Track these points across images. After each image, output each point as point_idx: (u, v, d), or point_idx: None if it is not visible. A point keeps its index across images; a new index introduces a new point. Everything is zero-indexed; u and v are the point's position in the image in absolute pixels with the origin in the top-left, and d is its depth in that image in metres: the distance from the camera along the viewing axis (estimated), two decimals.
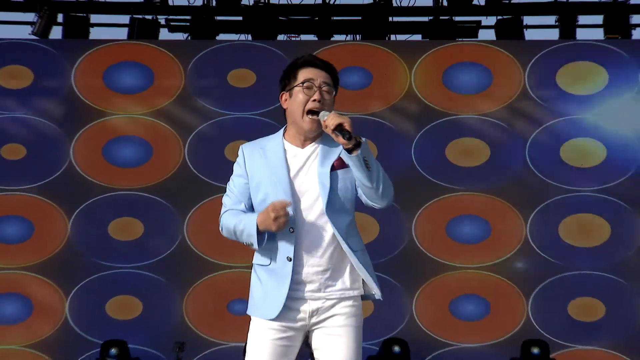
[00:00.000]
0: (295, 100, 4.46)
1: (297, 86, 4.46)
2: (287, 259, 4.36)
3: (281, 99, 4.56)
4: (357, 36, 11.64)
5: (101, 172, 11.01)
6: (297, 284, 4.39)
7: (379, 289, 4.50)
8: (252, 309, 4.49)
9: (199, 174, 11.00)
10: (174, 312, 10.78)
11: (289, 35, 11.70)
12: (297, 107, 4.44)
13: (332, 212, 4.38)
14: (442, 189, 10.99)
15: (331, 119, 4.28)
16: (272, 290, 4.39)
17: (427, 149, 11.08)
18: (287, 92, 4.52)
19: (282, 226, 4.30)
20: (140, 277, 10.80)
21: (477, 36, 11.61)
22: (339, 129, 4.25)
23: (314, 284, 4.40)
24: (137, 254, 10.85)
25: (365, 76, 11.24)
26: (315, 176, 4.42)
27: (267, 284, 4.42)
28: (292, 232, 4.37)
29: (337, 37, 11.68)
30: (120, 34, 11.62)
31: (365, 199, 4.43)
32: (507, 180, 11.00)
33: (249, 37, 11.57)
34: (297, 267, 4.38)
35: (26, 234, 10.90)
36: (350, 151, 4.27)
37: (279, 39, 11.57)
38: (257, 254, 4.48)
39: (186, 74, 11.21)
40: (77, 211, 10.94)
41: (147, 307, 10.76)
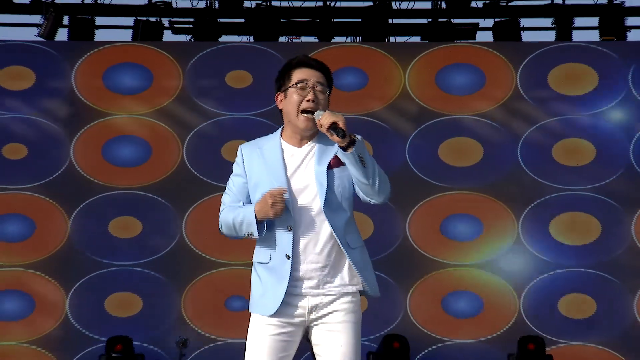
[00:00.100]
0: (290, 100, 4.47)
1: (291, 87, 4.48)
2: (286, 257, 4.37)
3: (277, 99, 4.57)
4: (357, 38, 11.66)
5: (101, 172, 11.02)
6: (295, 281, 4.40)
7: (376, 287, 4.52)
8: (252, 306, 4.50)
9: (197, 173, 11.01)
10: (173, 309, 10.78)
11: (290, 37, 11.71)
12: (292, 108, 4.46)
13: (329, 210, 4.39)
14: (435, 188, 11.00)
15: (325, 117, 4.30)
16: (271, 287, 4.40)
17: (422, 149, 11.09)
18: (282, 92, 4.54)
19: (279, 212, 4.32)
20: (139, 275, 10.81)
21: (475, 38, 11.62)
22: (333, 128, 4.27)
23: (312, 281, 4.41)
24: (136, 252, 10.86)
25: (360, 77, 11.25)
26: (312, 175, 4.43)
27: (266, 281, 4.43)
28: (290, 230, 4.38)
29: (338, 39, 11.70)
30: (124, 35, 11.65)
31: (362, 195, 4.44)
32: (499, 179, 11.01)
33: (251, 39, 11.59)
34: (295, 264, 4.39)
35: (28, 232, 10.92)
36: (345, 149, 4.28)
37: (281, 40, 11.57)
38: (257, 252, 4.49)
39: (184, 75, 11.22)
40: (77, 210, 10.95)
41: (147, 304, 10.76)
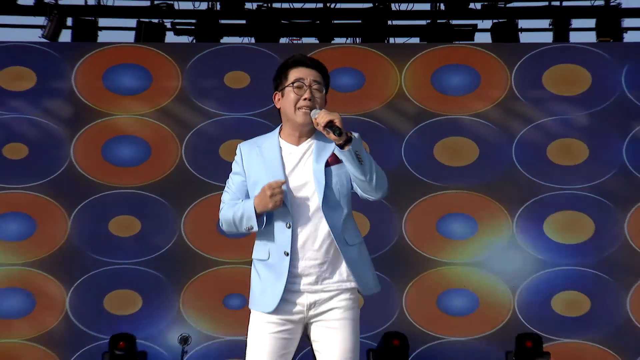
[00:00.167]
0: (287, 99, 4.49)
1: (288, 86, 4.50)
2: (285, 254, 4.39)
3: (274, 98, 4.59)
4: (357, 39, 11.71)
5: (101, 171, 11.05)
6: (294, 277, 4.41)
7: (373, 284, 4.52)
8: (251, 302, 4.51)
9: (196, 172, 11.04)
10: (171, 307, 10.79)
11: (290, 38, 11.74)
12: (289, 106, 4.48)
13: (327, 208, 4.41)
14: (431, 187, 11.02)
15: (322, 116, 4.33)
16: (270, 284, 4.42)
17: (417, 149, 11.12)
18: (279, 92, 4.56)
19: (278, 204, 4.34)
20: (138, 273, 10.83)
21: (473, 39, 11.66)
22: (330, 126, 4.30)
23: (311, 277, 4.42)
24: (135, 250, 10.87)
25: (357, 78, 11.27)
26: (310, 172, 4.45)
27: (265, 278, 4.45)
28: (289, 227, 4.40)
29: (338, 40, 11.74)
30: (127, 37, 11.70)
31: (360, 192, 4.46)
32: (494, 178, 11.04)
33: (252, 40, 11.62)
34: (294, 260, 4.40)
35: (29, 231, 10.94)
36: (342, 146, 4.31)
37: (282, 41, 11.61)
38: (256, 249, 4.51)
39: (183, 76, 11.24)
40: (77, 209, 10.97)
41: (146, 302, 10.78)
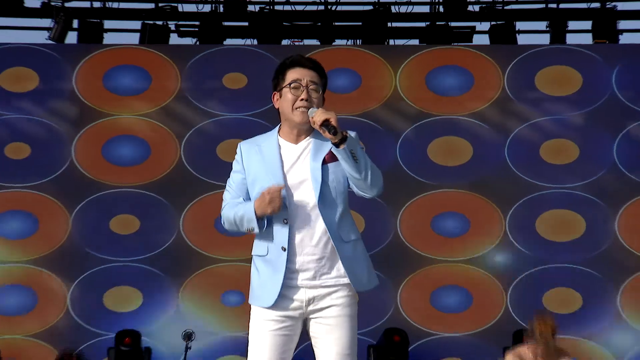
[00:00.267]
0: (285, 99, 4.49)
1: (285, 86, 4.50)
2: (282, 249, 4.39)
3: (273, 98, 4.59)
4: (357, 41, 11.77)
5: (101, 170, 11.11)
6: (292, 273, 4.41)
7: (367, 281, 4.49)
8: (251, 298, 4.51)
9: (194, 172, 11.10)
10: (171, 303, 10.85)
11: (292, 39, 11.81)
12: (286, 107, 4.49)
13: (323, 204, 4.41)
14: (425, 186, 11.09)
15: (318, 115, 4.34)
16: (268, 279, 4.42)
17: (412, 148, 11.18)
18: (277, 92, 4.55)
19: (277, 209, 4.35)
20: (138, 270, 10.88)
21: (471, 41, 11.72)
22: (325, 125, 4.31)
23: (309, 272, 4.42)
24: (135, 248, 10.92)
25: (354, 79, 11.32)
26: (307, 170, 4.45)
27: (264, 273, 4.45)
28: (286, 223, 4.40)
29: (339, 42, 11.81)
30: (132, 38, 11.75)
31: (356, 189, 4.46)
32: (487, 177, 11.10)
33: (255, 42, 11.67)
34: (291, 256, 4.41)
35: (31, 229, 11.00)
36: (337, 145, 4.31)
37: (283, 43, 11.67)
38: (255, 245, 4.51)
39: (182, 77, 11.29)
40: (78, 207, 11.03)
41: (146, 299, 10.82)
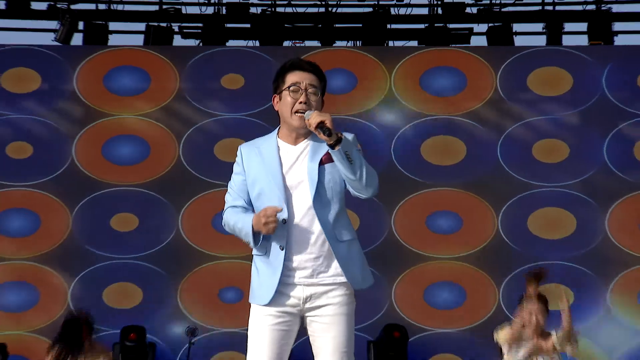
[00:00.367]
0: (284, 102, 4.52)
1: (285, 89, 4.53)
2: (280, 248, 4.42)
3: (273, 101, 4.61)
4: (357, 42, 11.80)
5: (101, 170, 11.14)
6: (290, 271, 4.44)
7: (362, 280, 4.51)
8: (251, 297, 4.54)
9: (193, 171, 11.14)
10: (170, 300, 10.87)
11: (293, 41, 11.84)
12: (286, 109, 4.51)
13: (319, 204, 4.43)
14: (419, 185, 11.13)
15: (313, 117, 4.35)
16: (266, 278, 4.45)
17: (406, 148, 11.22)
18: (277, 95, 4.57)
19: (271, 231, 4.37)
20: (138, 268, 10.91)
21: (469, 42, 11.76)
22: (320, 127, 4.32)
23: (306, 271, 4.44)
24: (134, 245, 10.96)
25: (350, 79, 11.37)
26: (305, 171, 4.48)
27: (263, 272, 4.49)
28: (285, 223, 4.42)
29: (339, 43, 11.84)
30: (136, 40, 11.80)
31: (352, 190, 4.48)
32: (480, 176, 11.15)
33: (257, 43, 11.70)
34: (289, 255, 4.43)
35: (33, 227, 11.04)
36: (332, 146, 4.33)
37: (285, 44, 11.71)
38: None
39: (181, 78, 11.32)
40: (79, 205, 11.07)
41: (145, 295, 10.85)
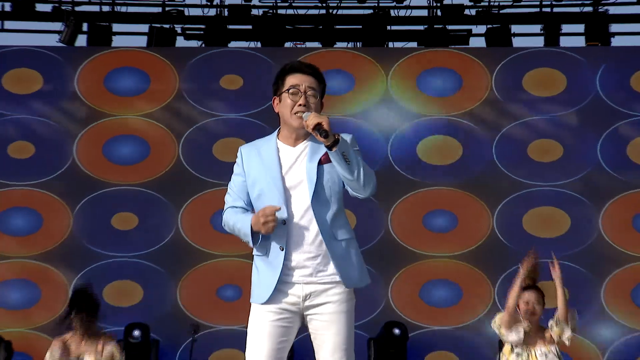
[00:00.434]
0: (284, 104, 4.53)
1: (284, 92, 4.53)
2: (280, 249, 4.44)
3: (273, 103, 4.62)
4: (358, 43, 11.83)
5: (102, 169, 11.18)
6: (289, 270, 4.45)
7: (358, 279, 4.52)
8: (251, 296, 4.55)
9: (192, 170, 11.17)
10: (169, 297, 10.92)
11: (295, 42, 11.86)
12: (285, 111, 4.52)
13: (317, 204, 4.45)
14: (416, 184, 11.17)
15: (311, 119, 4.37)
16: (266, 277, 4.46)
17: (402, 147, 11.26)
18: (277, 97, 4.58)
19: (270, 230, 4.37)
20: (138, 266, 10.95)
21: (468, 43, 11.79)
22: (318, 128, 4.33)
23: (306, 270, 4.45)
24: (134, 244, 11.00)
25: (347, 80, 11.40)
26: (304, 171, 4.49)
27: (262, 271, 4.49)
28: (284, 224, 4.43)
29: (340, 44, 11.86)
30: (140, 41, 11.82)
31: (350, 190, 4.50)
32: (475, 176, 11.20)
33: (259, 45, 11.73)
34: (288, 254, 4.44)
35: (35, 225, 11.08)
36: (330, 147, 4.35)
37: (286, 46, 11.74)
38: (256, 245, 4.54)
39: (180, 78, 11.35)
40: (80, 204, 11.11)
41: (145, 293, 10.89)
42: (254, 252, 4.55)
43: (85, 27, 11.82)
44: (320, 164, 4.50)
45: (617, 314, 10.94)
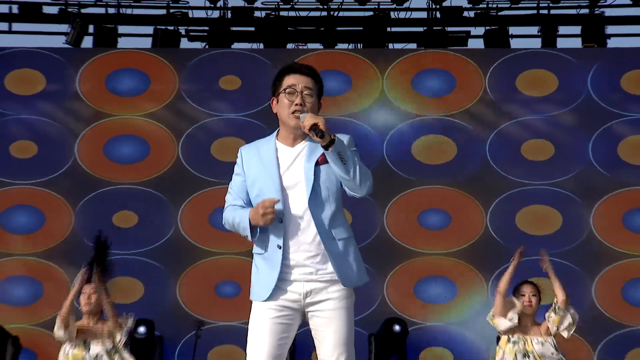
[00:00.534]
0: (281, 104, 4.54)
1: (281, 92, 4.54)
2: (277, 247, 4.45)
3: (272, 103, 4.63)
4: (358, 45, 11.88)
5: (103, 168, 11.22)
6: (288, 268, 4.46)
7: (357, 278, 4.53)
8: (251, 294, 4.55)
9: (191, 169, 11.22)
10: (169, 294, 10.95)
11: (297, 44, 11.89)
12: (283, 112, 4.53)
13: (314, 204, 4.46)
14: (411, 183, 11.21)
15: (307, 119, 4.37)
16: (265, 275, 4.48)
17: (398, 147, 11.30)
18: (275, 97, 4.59)
19: (269, 222, 4.38)
20: (138, 263, 10.97)
21: (467, 45, 11.82)
22: (314, 129, 4.34)
23: (307, 268, 4.46)
24: (135, 241, 11.00)
25: (345, 81, 11.46)
26: (302, 171, 4.50)
27: (262, 270, 4.51)
28: (282, 222, 4.45)
29: (341, 46, 11.90)
30: (145, 43, 11.88)
31: (347, 190, 4.50)
32: (469, 175, 11.25)
33: (261, 46, 11.77)
34: (286, 253, 4.45)
35: (38, 223, 11.12)
36: (326, 148, 4.35)
37: (289, 47, 11.77)
38: (255, 244, 4.55)
39: (180, 79, 11.40)
40: (81, 203, 11.15)
41: (146, 290, 10.91)
42: (254, 250, 4.56)
43: (91, 29, 11.87)
44: (317, 164, 4.51)
45: (607, 309, 11.00)
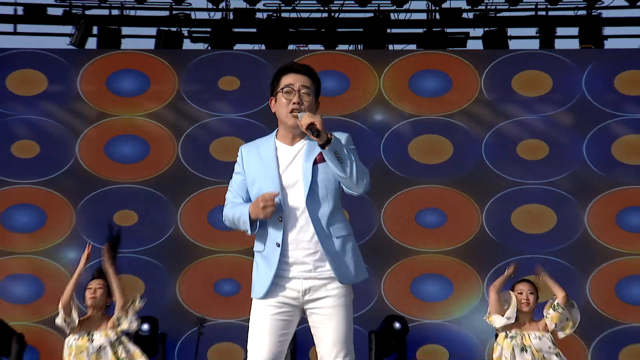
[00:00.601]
0: (279, 104, 4.55)
1: (279, 91, 4.56)
2: (276, 245, 4.46)
3: (270, 103, 4.64)
4: (359, 46, 11.92)
5: (103, 168, 11.25)
6: (287, 265, 4.47)
7: (354, 275, 4.53)
8: (252, 291, 4.57)
9: (191, 169, 11.24)
10: (169, 292, 10.97)
11: (298, 45, 11.93)
12: (281, 111, 4.54)
13: (312, 202, 4.46)
14: (407, 182, 11.24)
15: (304, 119, 4.37)
16: (263, 272, 4.49)
17: (395, 147, 11.33)
18: (273, 97, 4.61)
19: (269, 215, 4.39)
20: (138, 261, 10.98)
21: (466, 46, 11.86)
22: (310, 127, 4.35)
23: (306, 265, 4.47)
24: (135, 240, 10.95)
25: (343, 81, 11.49)
26: (300, 170, 4.51)
27: (261, 267, 4.52)
28: (281, 221, 4.46)
29: (342, 47, 11.94)
30: (148, 44, 11.92)
31: (345, 188, 4.51)
32: (465, 174, 11.27)
33: (263, 47, 11.80)
34: (285, 251, 4.46)
35: (40, 222, 11.15)
36: (323, 146, 4.36)
37: (290, 48, 11.80)
38: (255, 242, 4.57)
39: (180, 80, 11.43)
40: (82, 202, 11.17)
41: (147, 288, 10.85)
42: (254, 248, 4.58)
43: (95, 30, 11.91)
44: (315, 163, 4.52)
45: (601, 307, 11.02)
